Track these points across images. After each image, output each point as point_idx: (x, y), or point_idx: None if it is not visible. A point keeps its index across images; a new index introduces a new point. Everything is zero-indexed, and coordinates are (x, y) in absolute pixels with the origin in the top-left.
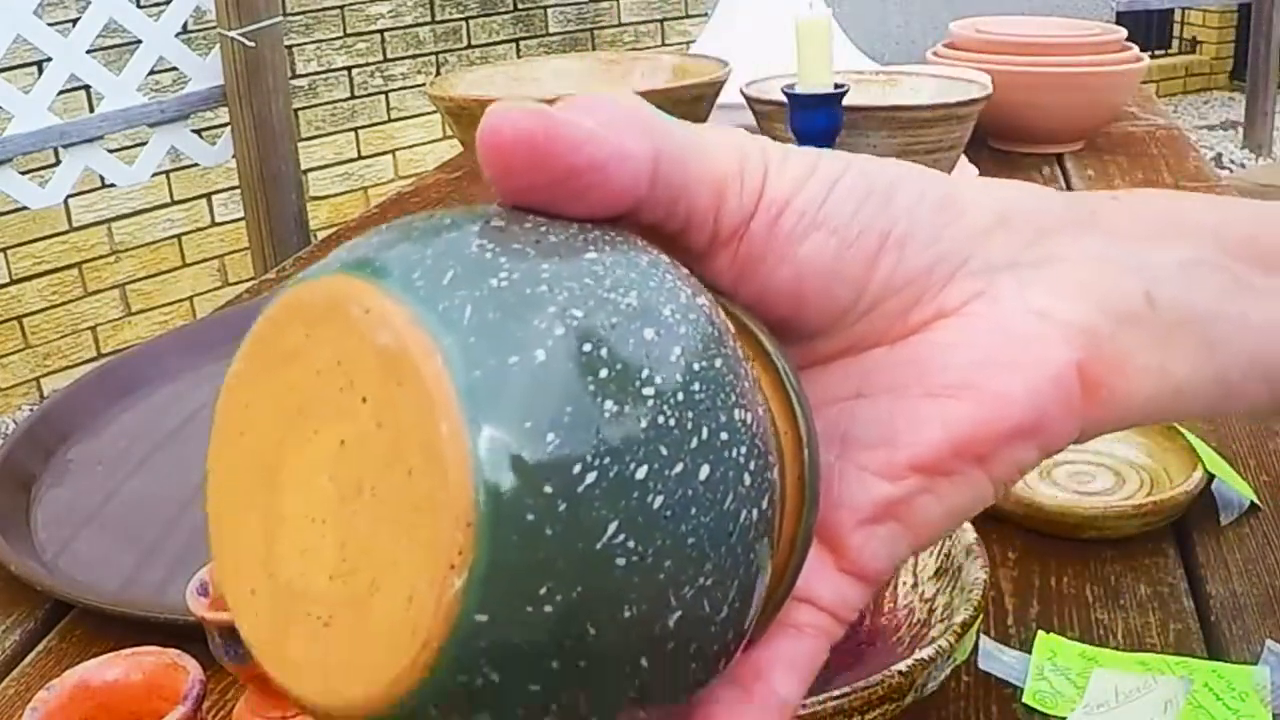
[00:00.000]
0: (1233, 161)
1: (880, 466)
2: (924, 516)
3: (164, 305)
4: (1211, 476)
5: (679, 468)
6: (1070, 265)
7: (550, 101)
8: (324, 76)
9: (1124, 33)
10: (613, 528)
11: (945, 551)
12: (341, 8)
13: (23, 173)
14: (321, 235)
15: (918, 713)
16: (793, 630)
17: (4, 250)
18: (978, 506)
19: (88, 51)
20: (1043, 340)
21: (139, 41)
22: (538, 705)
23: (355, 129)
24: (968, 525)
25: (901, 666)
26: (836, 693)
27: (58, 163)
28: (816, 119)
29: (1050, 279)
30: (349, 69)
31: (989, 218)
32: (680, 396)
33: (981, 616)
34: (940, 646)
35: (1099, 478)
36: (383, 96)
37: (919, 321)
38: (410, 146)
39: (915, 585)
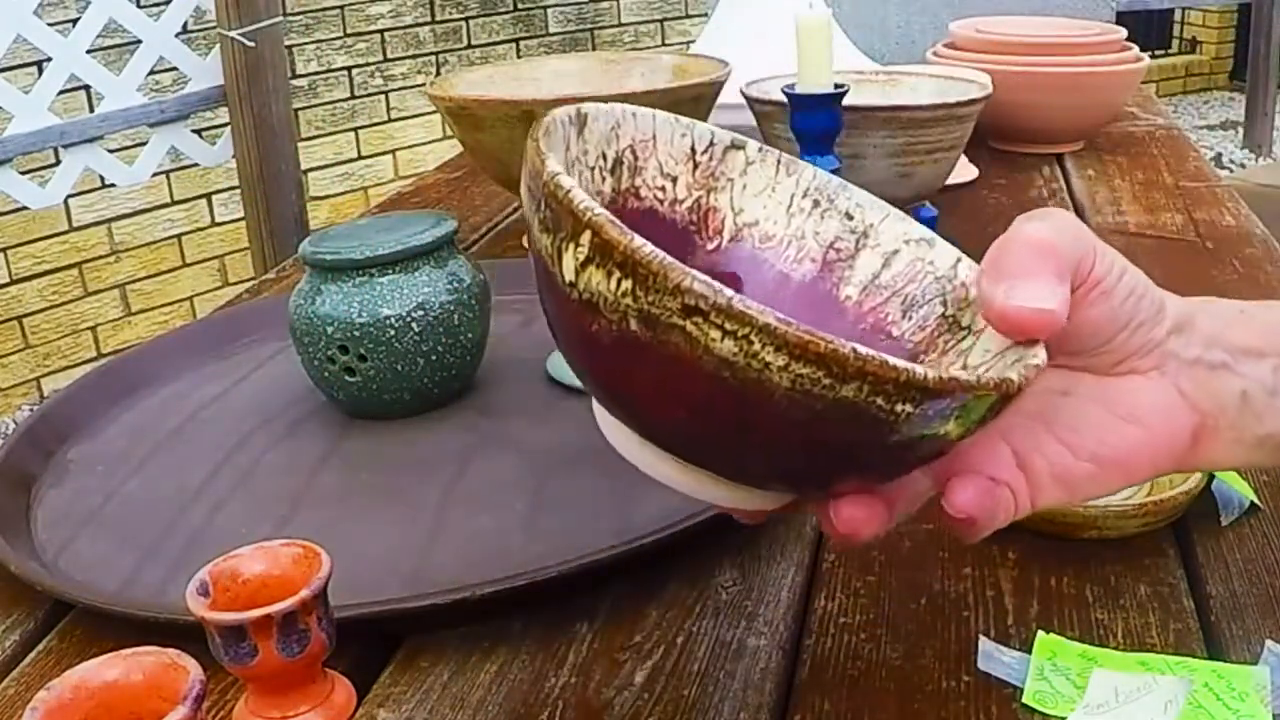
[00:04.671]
0: (1233, 161)
1: (1072, 445)
2: (1078, 490)
3: (164, 305)
4: (1211, 476)
5: None
6: (1205, 369)
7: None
8: (324, 76)
9: (1124, 33)
10: None
11: (1008, 365)
12: (341, 8)
13: (23, 173)
14: None
15: (918, 713)
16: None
17: (4, 250)
18: (1105, 494)
19: (88, 51)
20: (1180, 409)
21: (139, 41)
22: None
23: (355, 129)
24: (1042, 356)
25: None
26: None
27: (58, 163)
28: (816, 119)
29: (1191, 374)
30: (349, 69)
31: (1175, 322)
32: None
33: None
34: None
35: None
36: (383, 96)
37: (1119, 370)
38: (410, 146)
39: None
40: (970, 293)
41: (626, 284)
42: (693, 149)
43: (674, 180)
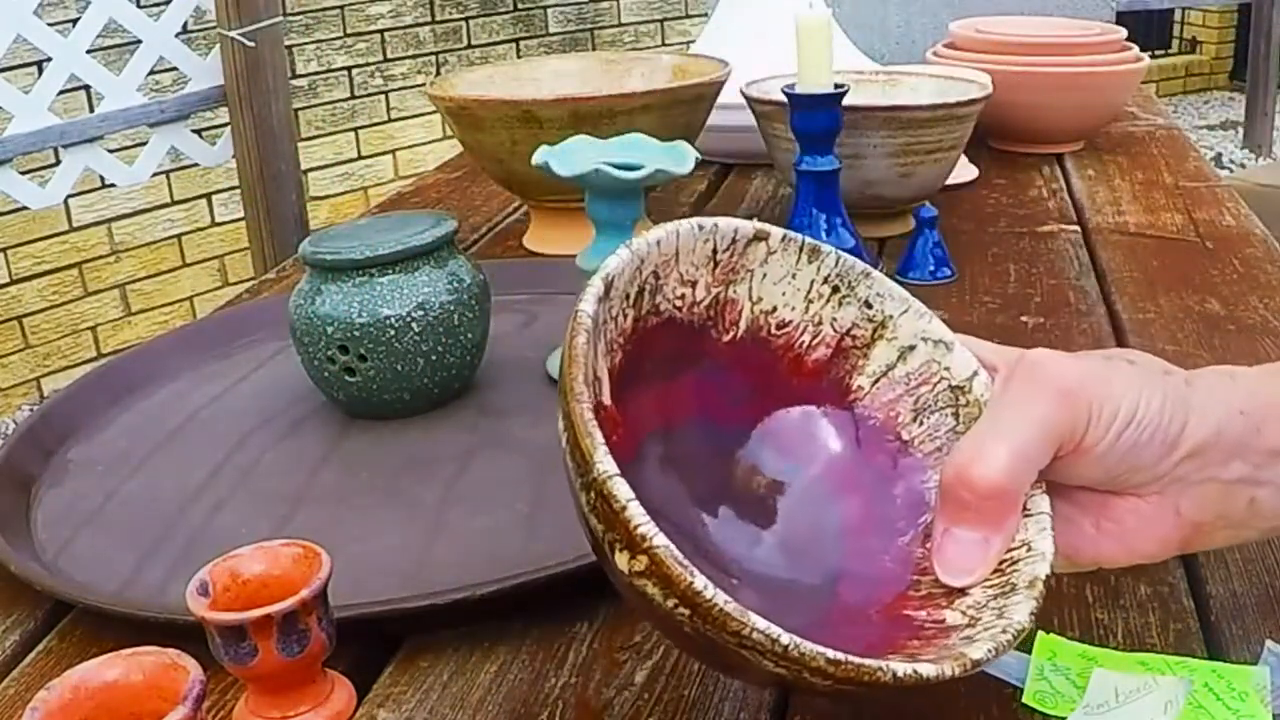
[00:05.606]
0: (1233, 161)
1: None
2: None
3: (164, 305)
4: None
5: None
6: (1215, 485)
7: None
8: (324, 76)
9: (1124, 33)
10: None
11: (1014, 557)
12: (341, 8)
13: (23, 173)
14: None
15: (918, 713)
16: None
17: (4, 250)
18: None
19: (88, 51)
20: (1170, 527)
21: (139, 41)
22: None
23: (355, 129)
24: (1048, 553)
25: (900, 669)
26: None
27: (58, 163)
28: (816, 119)
29: (1195, 493)
30: (349, 69)
31: (1192, 449)
32: None
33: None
34: (928, 672)
35: None
36: (383, 96)
37: (1122, 491)
38: (410, 146)
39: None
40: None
41: (684, 610)
42: (714, 250)
43: (694, 285)
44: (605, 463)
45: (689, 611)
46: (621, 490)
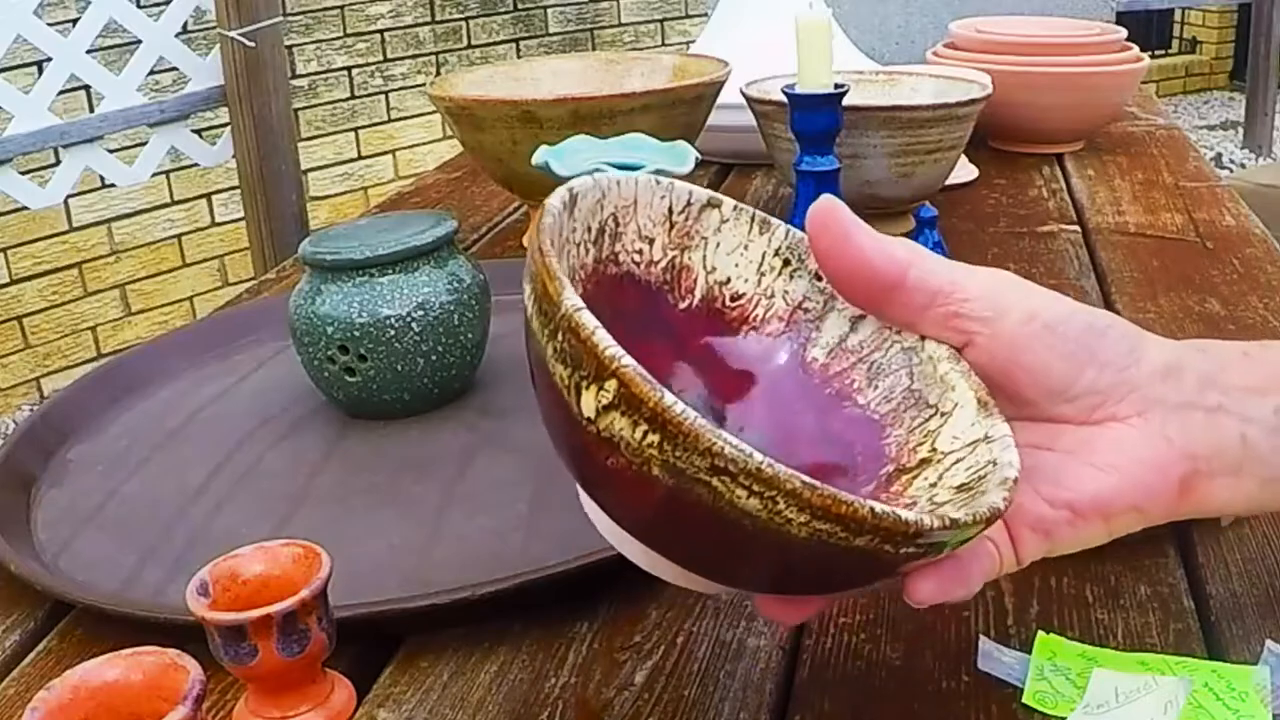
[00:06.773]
0: (1233, 161)
1: (1048, 496)
2: (1060, 538)
3: (164, 305)
4: None
5: None
6: (1198, 413)
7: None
8: (324, 76)
9: (1124, 33)
10: None
11: (980, 474)
12: (341, 8)
13: (23, 173)
14: None
15: (918, 713)
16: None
17: (4, 250)
18: (1093, 543)
19: (88, 51)
20: (1166, 456)
21: (139, 41)
22: None
23: (355, 129)
24: (1015, 461)
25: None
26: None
27: (58, 163)
28: (816, 119)
29: (1181, 419)
30: (349, 69)
31: (1161, 366)
32: None
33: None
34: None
35: None
36: (383, 96)
37: (1099, 418)
38: (410, 146)
39: (934, 484)
40: (937, 369)
41: (653, 437)
42: (670, 209)
43: (651, 242)
44: (572, 299)
45: (659, 438)
46: (588, 319)
